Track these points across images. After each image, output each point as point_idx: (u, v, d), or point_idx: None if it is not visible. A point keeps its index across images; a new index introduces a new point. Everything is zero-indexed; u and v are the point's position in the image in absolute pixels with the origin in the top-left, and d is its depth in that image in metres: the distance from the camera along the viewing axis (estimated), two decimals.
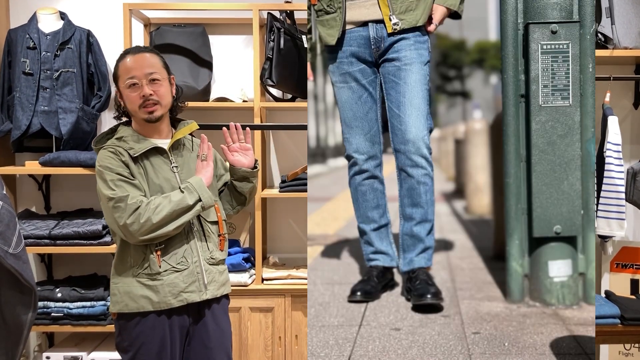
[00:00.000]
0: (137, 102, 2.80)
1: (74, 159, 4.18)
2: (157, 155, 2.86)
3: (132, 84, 2.80)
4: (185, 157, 2.96)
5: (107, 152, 2.79)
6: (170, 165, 2.88)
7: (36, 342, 4.67)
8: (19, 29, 4.33)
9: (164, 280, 2.78)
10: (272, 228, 4.72)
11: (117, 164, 2.75)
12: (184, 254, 2.83)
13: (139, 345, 2.81)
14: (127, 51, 2.89)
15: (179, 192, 2.77)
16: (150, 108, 2.82)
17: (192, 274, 2.84)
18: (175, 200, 2.73)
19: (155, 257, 2.77)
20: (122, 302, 2.81)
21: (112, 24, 4.54)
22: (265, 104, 4.35)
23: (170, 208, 2.71)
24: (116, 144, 2.82)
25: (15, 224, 1.78)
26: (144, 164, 2.81)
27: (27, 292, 1.80)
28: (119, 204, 2.68)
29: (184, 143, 2.98)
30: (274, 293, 4.20)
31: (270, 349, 4.20)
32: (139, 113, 2.83)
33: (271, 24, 4.18)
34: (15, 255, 1.75)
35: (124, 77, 2.81)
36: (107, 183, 2.71)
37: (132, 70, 2.80)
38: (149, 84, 2.81)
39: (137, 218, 2.67)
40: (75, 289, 4.19)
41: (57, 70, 4.24)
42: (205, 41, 4.48)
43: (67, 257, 4.58)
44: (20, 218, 4.29)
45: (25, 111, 4.22)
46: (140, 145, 2.82)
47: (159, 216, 2.69)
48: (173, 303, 2.80)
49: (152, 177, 2.81)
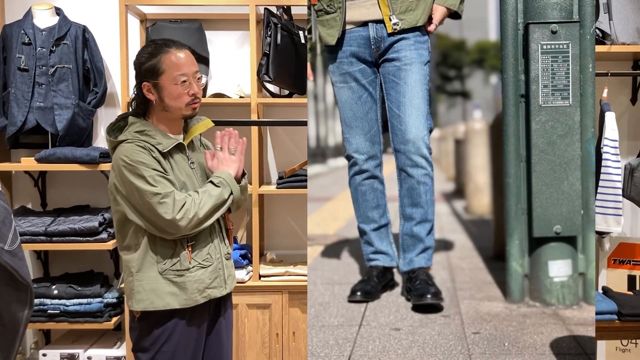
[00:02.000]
0: (185, 99, 2.76)
1: (70, 156, 4.16)
2: (177, 152, 2.84)
3: (184, 80, 2.75)
4: (196, 152, 2.96)
5: (136, 146, 2.71)
6: (188, 162, 2.87)
7: (32, 339, 4.66)
8: (14, 24, 4.30)
9: (191, 276, 2.77)
10: (270, 225, 4.71)
11: (151, 160, 2.70)
12: (209, 251, 2.84)
13: (160, 344, 2.79)
14: (167, 44, 2.78)
15: (215, 186, 2.80)
16: (195, 105, 2.81)
17: (216, 270, 2.85)
18: (215, 195, 2.76)
19: (187, 252, 2.76)
20: (147, 300, 2.75)
21: (108, 20, 4.50)
22: (262, 99, 4.33)
23: (212, 202, 2.75)
24: (141, 138, 2.75)
25: (11, 220, 1.78)
26: (169, 160, 2.79)
27: (23, 289, 1.80)
28: (165, 200, 2.66)
29: (193, 139, 2.97)
30: (271, 290, 4.20)
31: (268, 345, 4.20)
32: (183, 110, 2.79)
33: (268, 19, 4.16)
34: (11, 252, 1.74)
35: (173, 72, 2.74)
36: (146, 179, 2.66)
37: (182, 66, 2.75)
38: (196, 82, 2.81)
39: (185, 213, 2.67)
40: (72, 286, 4.18)
41: (53, 66, 4.22)
42: (202, 37, 4.46)
43: (64, 254, 4.57)
44: (16, 215, 4.28)
45: (21, 107, 4.19)
46: (167, 141, 2.79)
47: (203, 210, 2.72)
48: (199, 299, 2.79)
49: (177, 173, 2.80)
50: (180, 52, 2.77)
